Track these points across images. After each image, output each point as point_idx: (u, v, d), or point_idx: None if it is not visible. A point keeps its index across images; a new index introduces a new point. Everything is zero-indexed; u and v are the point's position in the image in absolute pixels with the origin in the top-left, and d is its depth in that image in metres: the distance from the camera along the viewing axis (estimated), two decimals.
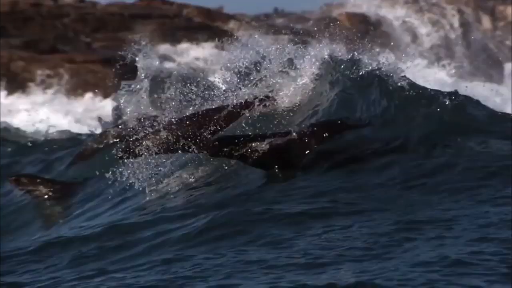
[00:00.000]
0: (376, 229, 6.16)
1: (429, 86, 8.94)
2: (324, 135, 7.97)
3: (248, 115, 8.54)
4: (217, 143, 7.88)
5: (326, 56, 9.41)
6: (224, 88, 8.96)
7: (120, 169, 8.33)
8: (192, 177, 8.46)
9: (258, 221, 6.64)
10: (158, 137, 7.90)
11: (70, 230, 8.05)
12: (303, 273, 5.45)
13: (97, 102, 24.51)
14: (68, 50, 29.53)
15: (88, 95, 25.15)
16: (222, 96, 8.54)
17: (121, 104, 11.03)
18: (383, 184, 7.33)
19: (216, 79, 9.51)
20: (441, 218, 6.31)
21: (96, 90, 24.99)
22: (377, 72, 9.00)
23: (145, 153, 7.92)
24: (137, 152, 7.92)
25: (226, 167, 8.30)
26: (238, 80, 9.12)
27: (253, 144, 7.83)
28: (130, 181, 8.16)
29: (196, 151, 7.91)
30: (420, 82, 9.11)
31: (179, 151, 7.98)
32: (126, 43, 11.85)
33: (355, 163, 7.83)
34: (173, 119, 8.05)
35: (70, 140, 11.90)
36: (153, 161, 8.25)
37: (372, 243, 5.86)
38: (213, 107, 8.12)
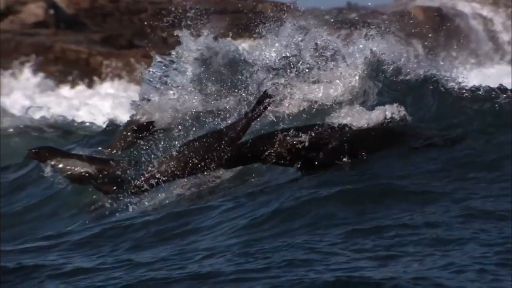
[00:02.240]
0: (437, 219, 6.14)
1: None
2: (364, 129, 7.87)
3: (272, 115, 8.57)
4: (236, 150, 7.75)
5: (379, 52, 9.41)
6: (264, 82, 9.01)
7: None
8: None
9: (322, 205, 6.66)
10: (170, 163, 7.89)
11: (129, 214, 8.10)
12: (368, 265, 5.44)
13: None
14: (145, 45, 29.89)
15: None
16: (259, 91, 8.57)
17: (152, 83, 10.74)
18: (441, 174, 7.30)
19: (261, 73, 9.55)
20: (502, 210, 6.25)
21: None
22: (434, 70, 9.01)
23: (160, 181, 7.93)
24: (152, 184, 7.94)
25: None
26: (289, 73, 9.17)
27: (282, 142, 7.71)
28: None
29: (212, 171, 7.92)
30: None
31: (195, 174, 7.98)
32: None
33: (411, 153, 7.80)
34: (186, 142, 8.04)
35: None
36: None
37: (435, 235, 5.83)
38: (225, 125, 8.10)
